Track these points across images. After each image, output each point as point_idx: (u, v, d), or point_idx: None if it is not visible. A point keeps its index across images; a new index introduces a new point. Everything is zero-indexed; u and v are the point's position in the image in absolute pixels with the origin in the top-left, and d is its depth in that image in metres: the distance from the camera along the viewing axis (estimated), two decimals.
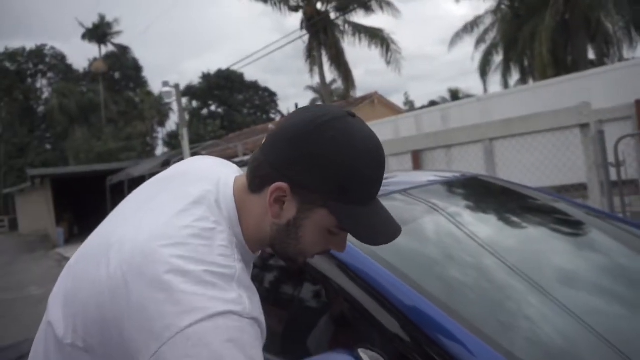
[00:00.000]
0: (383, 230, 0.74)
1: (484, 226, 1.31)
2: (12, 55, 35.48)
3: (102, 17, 35.29)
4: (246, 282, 0.69)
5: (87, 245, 0.77)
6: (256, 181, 0.74)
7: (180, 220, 0.69)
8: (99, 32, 35.18)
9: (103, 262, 0.69)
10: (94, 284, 0.68)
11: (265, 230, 0.75)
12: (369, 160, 0.70)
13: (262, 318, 0.68)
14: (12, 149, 32.46)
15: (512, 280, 1.09)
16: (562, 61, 15.21)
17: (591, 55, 15.94)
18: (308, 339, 1.11)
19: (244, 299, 0.65)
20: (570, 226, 1.46)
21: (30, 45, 39.97)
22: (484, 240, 1.20)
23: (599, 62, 15.22)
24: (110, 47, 36.35)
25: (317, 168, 0.69)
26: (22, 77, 35.81)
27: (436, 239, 1.21)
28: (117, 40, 36.34)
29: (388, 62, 16.46)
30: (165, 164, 12.99)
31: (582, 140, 3.13)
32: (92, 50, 41.38)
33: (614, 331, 0.95)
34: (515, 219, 1.42)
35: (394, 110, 21.18)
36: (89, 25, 35.02)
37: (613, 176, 3.27)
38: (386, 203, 1.32)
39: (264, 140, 0.77)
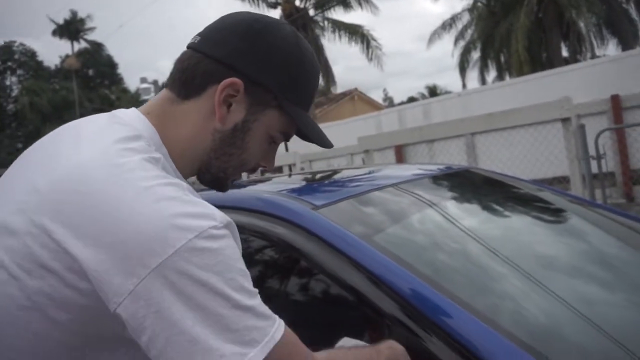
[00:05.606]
0: (323, 134, 0.73)
1: (484, 217, 1.32)
2: None
3: (74, 14, 34.30)
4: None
5: None
6: (195, 82, 0.64)
7: (104, 144, 0.57)
8: (71, 28, 34.17)
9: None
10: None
11: (202, 143, 0.65)
12: (313, 62, 0.70)
13: None
14: None
15: (513, 270, 1.10)
16: (538, 58, 15.55)
17: (565, 52, 16.37)
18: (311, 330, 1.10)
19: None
20: (567, 217, 1.49)
21: None
22: (486, 231, 1.21)
23: (572, 59, 15.63)
24: (83, 44, 35.43)
25: (273, 62, 0.65)
26: None
27: (438, 231, 1.21)
28: (91, 36, 35.44)
29: (370, 59, 16.50)
30: None
31: (563, 134, 3.21)
32: (64, 47, 40.26)
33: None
34: (514, 209, 1.45)
35: (373, 106, 21.33)
36: (61, 21, 34.03)
37: (593, 169, 3.37)
38: (381, 196, 1.33)
39: (193, 40, 0.68)
